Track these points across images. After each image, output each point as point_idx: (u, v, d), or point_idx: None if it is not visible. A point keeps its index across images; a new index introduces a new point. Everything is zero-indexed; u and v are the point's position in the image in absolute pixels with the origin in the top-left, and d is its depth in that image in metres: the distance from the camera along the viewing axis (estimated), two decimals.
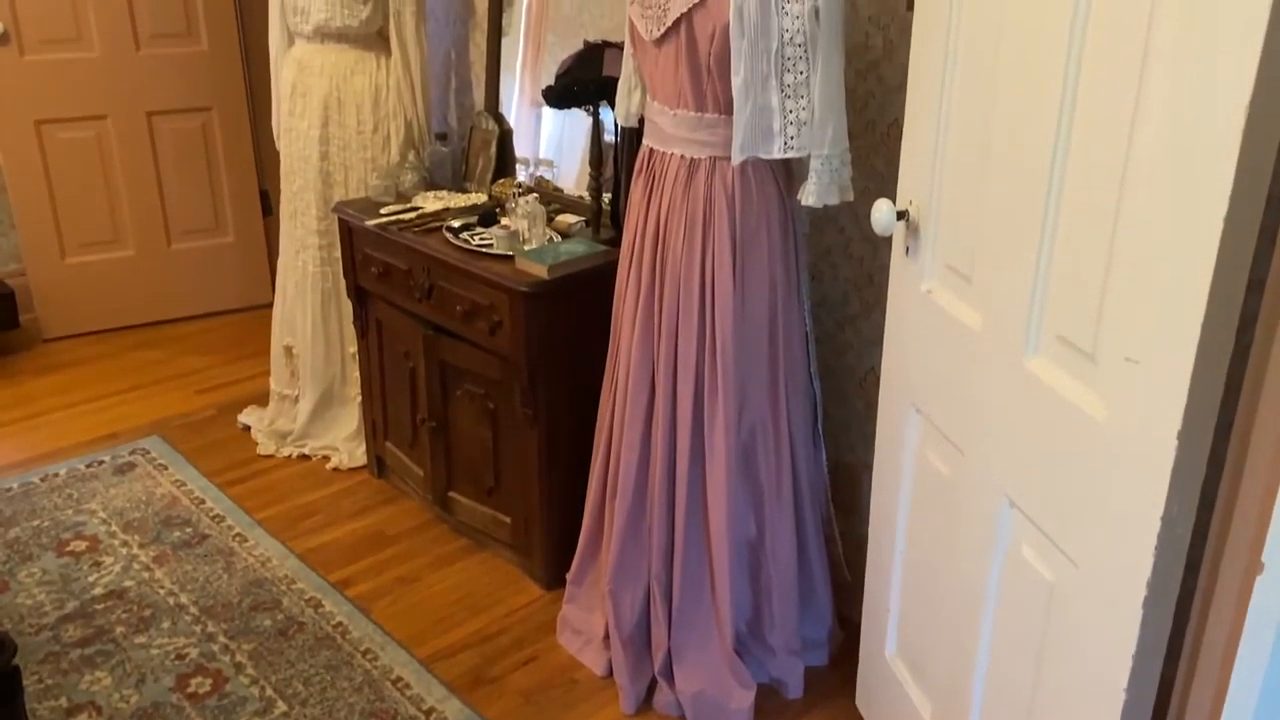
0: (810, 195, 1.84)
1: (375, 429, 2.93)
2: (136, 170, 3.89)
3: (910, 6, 1.93)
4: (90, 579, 2.54)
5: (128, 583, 2.53)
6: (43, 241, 3.81)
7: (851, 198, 1.89)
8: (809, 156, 1.83)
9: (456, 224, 2.52)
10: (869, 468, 1.96)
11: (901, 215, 1.65)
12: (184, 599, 2.48)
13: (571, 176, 2.76)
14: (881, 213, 1.63)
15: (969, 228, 1.51)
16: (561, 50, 2.74)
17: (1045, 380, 1.34)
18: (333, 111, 2.86)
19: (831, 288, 2.28)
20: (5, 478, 3.01)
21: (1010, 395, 1.42)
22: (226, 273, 4.15)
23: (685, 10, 1.81)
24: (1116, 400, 1.19)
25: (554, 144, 2.85)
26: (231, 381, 3.64)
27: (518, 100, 2.91)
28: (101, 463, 3.09)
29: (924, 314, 1.64)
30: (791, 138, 1.82)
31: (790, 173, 1.95)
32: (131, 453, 3.15)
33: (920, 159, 1.62)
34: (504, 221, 2.51)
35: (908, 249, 1.67)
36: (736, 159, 1.84)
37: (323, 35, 2.82)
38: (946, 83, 1.54)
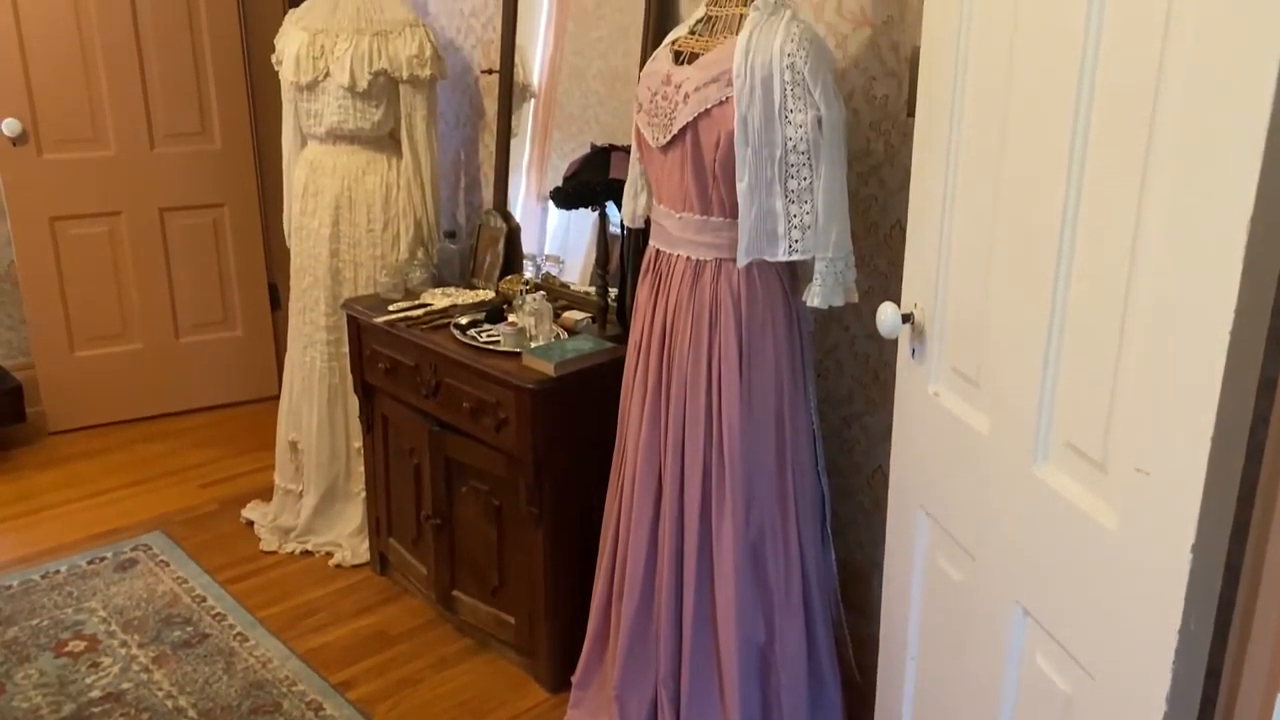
0: (816, 297, 1.86)
1: (379, 525, 2.91)
2: (147, 265, 3.94)
3: (910, 113, 1.97)
4: (88, 680, 2.50)
5: (126, 685, 2.49)
6: (52, 335, 3.84)
7: (856, 299, 1.91)
8: (813, 258, 1.86)
9: (464, 320, 2.54)
10: (878, 566, 1.94)
11: (906, 318, 1.66)
12: (183, 701, 2.43)
13: (576, 270, 2.80)
14: (886, 315, 1.64)
15: (975, 332, 1.52)
16: (567, 147, 2.80)
17: (1055, 488, 1.33)
18: (344, 210, 2.91)
19: (837, 384, 2.28)
20: (6, 575, 2.98)
21: (1020, 502, 1.41)
22: (233, 366, 4.17)
23: (691, 119, 1.85)
24: (1128, 510, 1.19)
25: (559, 237, 2.89)
26: (236, 475, 3.63)
27: (524, 196, 2.96)
28: (103, 559, 3.06)
29: (932, 417, 1.64)
30: (796, 241, 1.84)
31: (795, 273, 1.98)
32: (134, 549, 3.13)
33: (924, 262, 1.63)
34: (511, 318, 2.53)
35: (913, 351, 1.68)
36: (742, 261, 1.86)
37: (335, 137, 2.88)
38: (949, 187, 1.56)
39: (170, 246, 3.98)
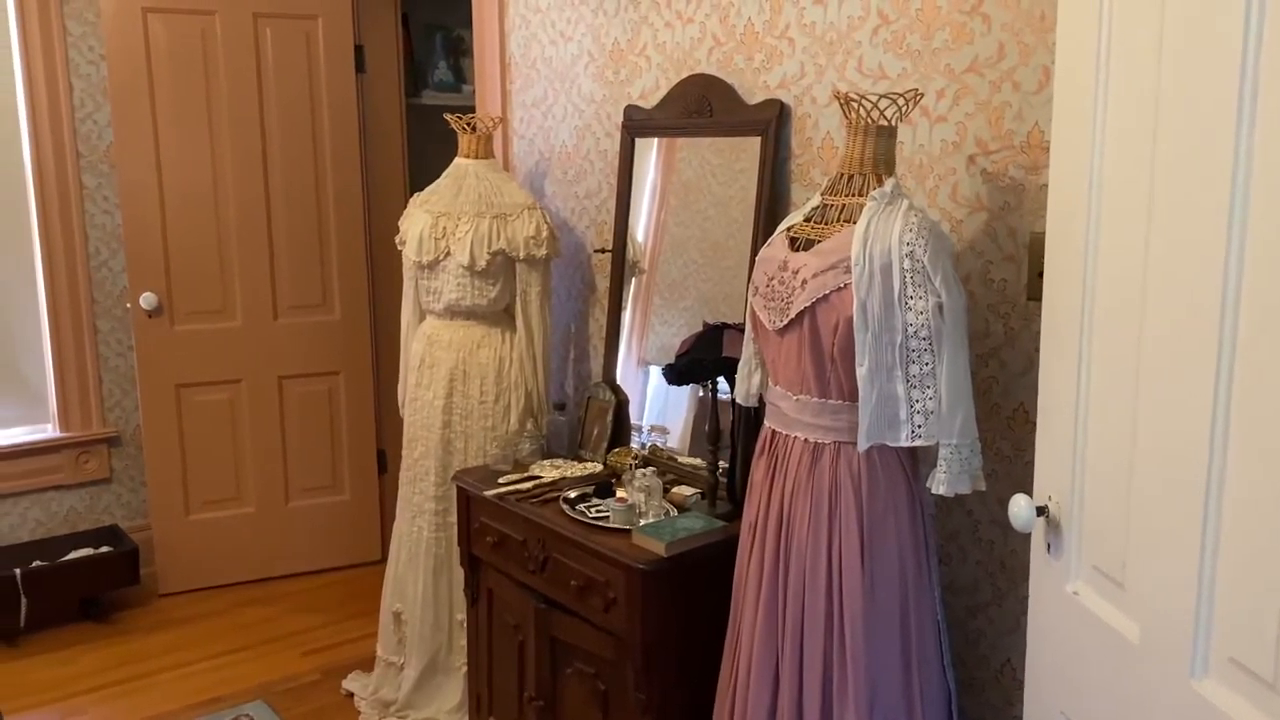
0: (941, 484, 1.81)
1: (480, 703, 2.85)
2: (263, 430, 4.07)
3: (1032, 296, 1.95)
4: None
5: None
6: (169, 498, 3.96)
7: (984, 486, 1.85)
8: (937, 444, 1.82)
9: (573, 495, 2.53)
10: None
11: (1041, 511, 1.60)
12: None
13: (677, 436, 2.79)
14: (1020, 508, 1.58)
15: (1117, 528, 1.44)
16: (668, 314, 2.84)
17: (1218, 705, 1.23)
18: (458, 382, 2.97)
19: (960, 572, 2.19)
20: None
21: (1177, 717, 1.31)
22: (340, 530, 4.22)
23: (809, 304, 1.86)
24: None
25: (659, 401, 2.90)
26: (338, 643, 3.62)
27: (624, 362, 2.98)
28: None
29: (1071, 617, 1.55)
30: (919, 426, 1.81)
31: (916, 456, 1.93)
32: (235, 719, 3.11)
33: (1058, 453, 1.58)
34: (620, 493, 2.52)
35: (1049, 546, 1.61)
36: (863, 446, 1.83)
37: (452, 312, 2.98)
38: (1082, 377, 1.52)
39: (286, 412, 4.11)
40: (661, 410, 2.89)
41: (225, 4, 3.81)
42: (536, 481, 2.67)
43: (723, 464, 2.49)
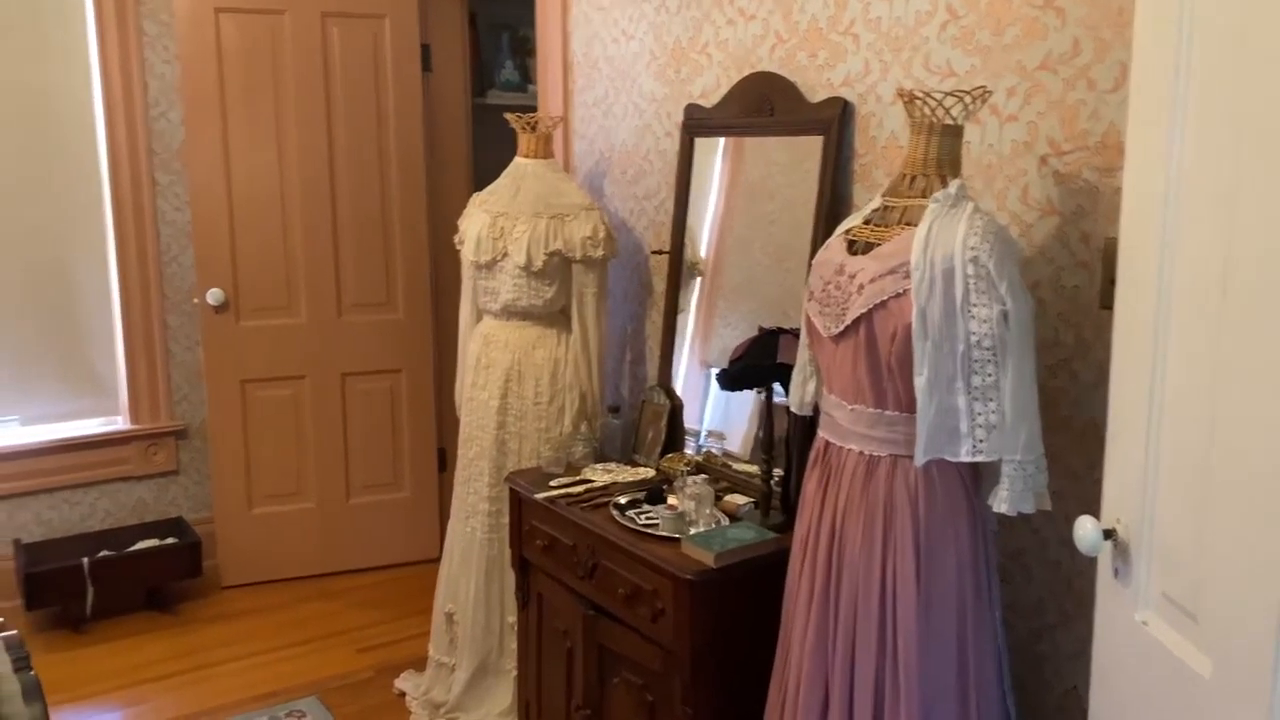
0: (1003, 503, 1.72)
1: (528, 709, 2.81)
2: (325, 427, 4.10)
3: (1104, 305, 1.85)
4: None
5: None
6: (233, 492, 4.01)
7: (1049, 506, 1.76)
8: (999, 460, 1.73)
9: (623, 500, 2.49)
10: None
11: (1108, 534, 1.50)
12: None
13: (738, 440, 2.73)
14: (1086, 531, 1.49)
15: (1191, 556, 1.35)
16: (732, 317, 2.78)
17: None
18: (513, 383, 2.95)
19: (1024, 593, 2.10)
20: None
21: None
22: (399, 527, 4.24)
23: (865, 310, 1.79)
24: None
25: (720, 406, 2.83)
26: (394, 641, 3.62)
27: (686, 365, 2.92)
28: None
29: (1139, 648, 1.46)
30: (980, 441, 1.72)
31: (978, 471, 1.84)
32: (288, 714, 3.13)
33: (1128, 474, 1.48)
34: (671, 500, 2.46)
35: (1116, 571, 1.51)
36: (920, 460, 1.75)
37: (509, 313, 2.96)
38: (1156, 393, 1.43)
39: (348, 409, 4.14)
40: (724, 415, 2.83)
41: (295, 3, 3.85)
42: (588, 485, 2.63)
43: (778, 473, 2.42)
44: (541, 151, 3.00)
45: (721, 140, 2.78)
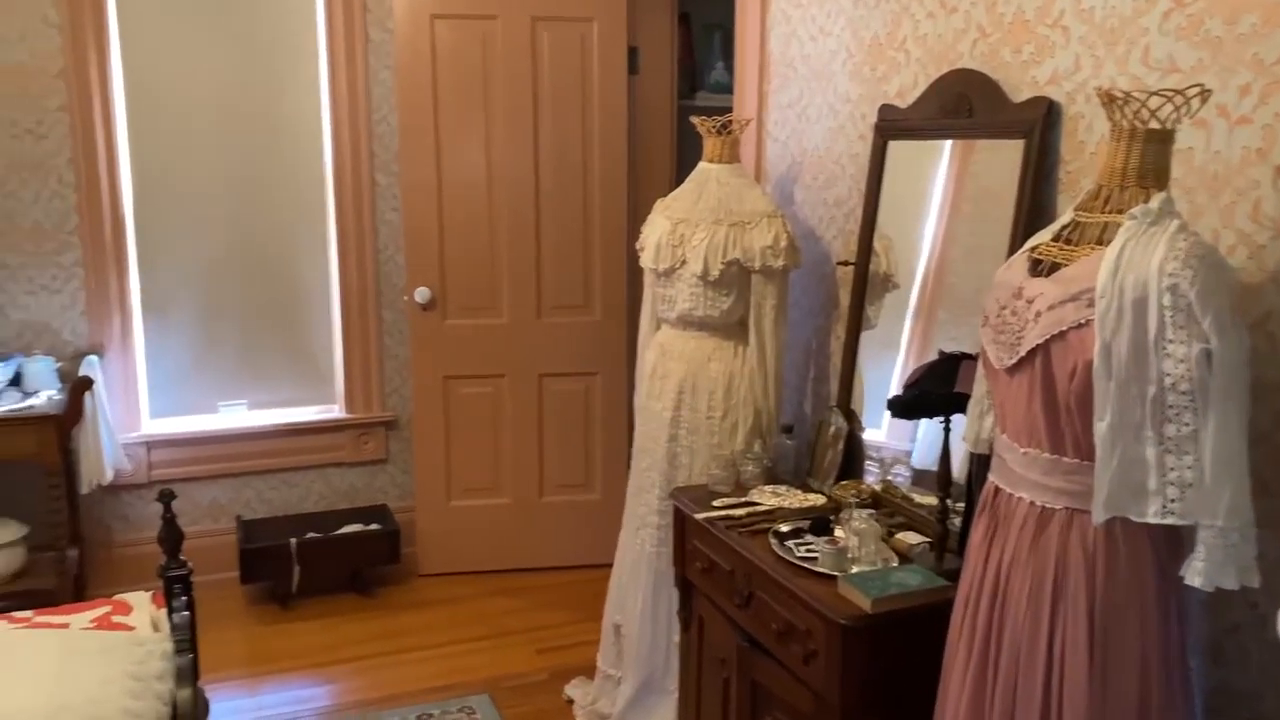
0: (1197, 574, 1.46)
1: None
2: (522, 426, 4.16)
3: None
4: None
5: None
6: (434, 484, 4.14)
7: (1256, 582, 1.47)
8: (1196, 524, 1.46)
9: (785, 528, 2.33)
10: None
11: None
12: None
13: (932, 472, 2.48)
14: None
15: None
16: (954, 331, 2.52)
17: None
18: (686, 395, 2.85)
19: (1240, 675, 1.78)
20: (346, 714, 3.14)
21: None
22: (588, 528, 4.23)
23: (1041, 341, 1.56)
24: None
25: (911, 434, 2.58)
26: (570, 644, 3.62)
27: (896, 380, 2.67)
28: (430, 716, 3.13)
29: None
30: (1172, 500, 1.46)
31: (1174, 534, 1.57)
32: (459, 709, 3.18)
33: None
34: (836, 533, 2.29)
35: None
36: (1099, 517, 1.51)
37: (685, 323, 2.86)
38: None
39: (544, 409, 4.18)
40: (916, 443, 2.58)
41: (506, 8, 3.91)
42: (751, 509, 2.49)
43: (959, 512, 2.20)
44: (727, 156, 2.87)
45: (949, 144, 2.49)
